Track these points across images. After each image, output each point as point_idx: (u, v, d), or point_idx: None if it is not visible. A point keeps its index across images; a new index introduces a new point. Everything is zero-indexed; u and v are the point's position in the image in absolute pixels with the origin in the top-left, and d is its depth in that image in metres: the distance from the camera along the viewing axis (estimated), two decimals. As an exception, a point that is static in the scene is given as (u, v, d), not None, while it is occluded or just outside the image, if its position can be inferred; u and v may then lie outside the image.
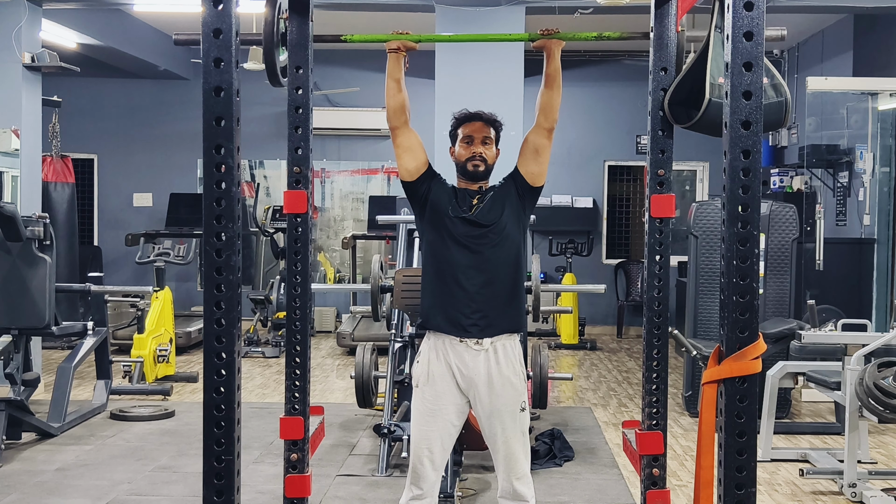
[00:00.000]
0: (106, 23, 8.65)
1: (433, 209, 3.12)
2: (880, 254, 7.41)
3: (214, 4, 2.00)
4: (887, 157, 7.48)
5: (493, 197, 3.12)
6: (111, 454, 5.12)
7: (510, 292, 3.10)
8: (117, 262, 10.50)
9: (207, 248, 2.04)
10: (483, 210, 3.09)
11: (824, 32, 9.15)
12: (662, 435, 2.98)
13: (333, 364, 8.24)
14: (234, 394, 2.06)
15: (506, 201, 3.12)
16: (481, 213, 3.09)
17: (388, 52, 3.10)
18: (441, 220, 3.10)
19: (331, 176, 10.84)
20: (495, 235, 3.08)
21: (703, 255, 6.20)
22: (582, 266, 10.03)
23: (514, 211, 3.13)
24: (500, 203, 3.11)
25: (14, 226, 5.28)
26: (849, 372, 4.44)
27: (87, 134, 10.49)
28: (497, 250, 3.08)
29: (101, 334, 6.09)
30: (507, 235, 3.10)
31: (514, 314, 3.11)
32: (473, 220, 3.08)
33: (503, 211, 3.10)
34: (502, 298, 3.07)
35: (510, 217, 3.11)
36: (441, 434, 3.08)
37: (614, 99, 10.54)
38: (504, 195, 3.13)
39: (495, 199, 3.12)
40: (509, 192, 3.14)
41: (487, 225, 3.08)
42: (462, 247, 3.07)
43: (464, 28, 7.15)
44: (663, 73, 2.95)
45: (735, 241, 1.99)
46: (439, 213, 3.10)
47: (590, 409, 6.39)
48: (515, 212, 3.13)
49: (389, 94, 3.11)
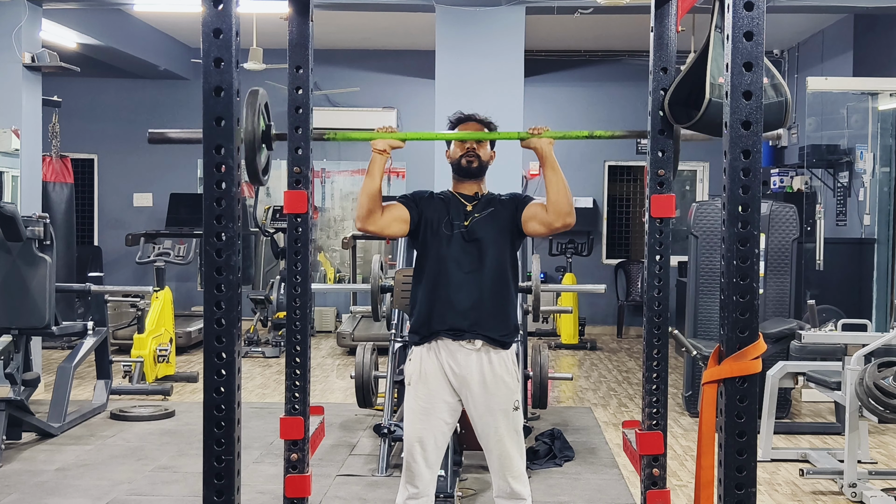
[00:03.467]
0: (106, 23, 8.65)
1: (426, 228, 3.12)
2: (880, 254, 7.40)
3: (214, 4, 2.00)
4: (887, 157, 7.48)
5: (493, 212, 3.11)
6: (111, 454, 5.11)
7: (503, 302, 3.10)
8: (117, 262, 10.50)
9: (207, 248, 2.04)
10: (478, 223, 3.09)
11: (824, 32, 9.15)
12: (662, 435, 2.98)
13: (333, 364, 8.24)
14: (234, 394, 2.06)
15: (501, 220, 3.11)
16: (475, 226, 3.08)
17: (373, 152, 3.01)
18: (434, 237, 3.10)
19: (331, 176, 10.84)
20: (487, 251, 3.07)
21: (703, 255, 6.20)
22: (582, 266, 10.04)
23: (508, 231, 3.13)
24: (496, 220, 3.11)
25: (14, 226, 5.27)
26: (849, 372, 4.44)
27: (87, 134, 10.49)
28: (489, 266, 3.08)
29: (101, 334, 6.09)
30: (499, 251, 3.10)
31: (507, 322, 3.11)
32: (466, 236, 3.07)
33: (497, 228, 3.10)
34: (494, 308, 3.08)
35: (503, 234, 3.11)
36: (434, 432, 3.08)
37: (614, 99, 10.54)
38: (500, 214, 3.12)
39: (492, 215, 3.11)
40: (505, 215, 3.12)
41: (480, 239, 3.08)
42: (454, 263, 3.07)
43: (464, 28, 7.15)
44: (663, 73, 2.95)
45: (735, 241, 1.99)
46: (432, 230, 3.11)
47: (590, 409, 6.39)
48: (509, 231, 3.13)
49: (368, 198, 3.00)
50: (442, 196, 3.17)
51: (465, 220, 3.10)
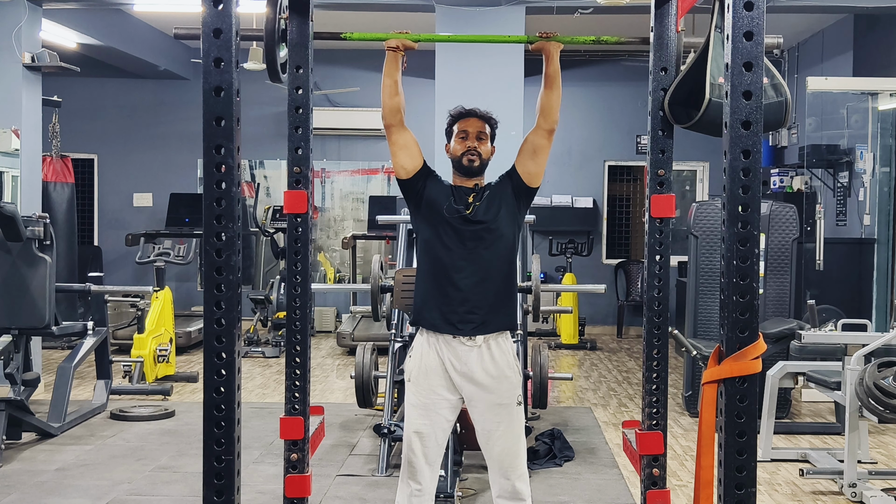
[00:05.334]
0: (106, 23, 8.65)
1: (428, 207, 3.12)
2: (880, 254, 7.40)
3: (214, 4, 2.00)
4: (887, 157, 7.48)
5: (490, 195, 3.12)
6: (111, 454, 5.11)
7: (504, 291, 3.10)
8: (117, 262, 10.50)
9: (207, 248, 2.04)
10: (479, 209, 3.09)
11: (824, 32, 9.15)
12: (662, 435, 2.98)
13: (333, 364, 8.24)
14: (234, 394, 2.06)
15: (502, 200, 3.12)
16: (477, 211, 3.09)
17: (386, 49, 3.10)
18: (436, 218, 3.10)
19: (331, 176, 10.84)
20: (490, 234, 3.08)
21: (703, 255, 6.20)
22: (582, 266, 10.03)
23: (510, 210, 3.13)
24: (497, 201, 3.11)
25: (14, 226, 5.27)
26: (849, 372, 4.44)
27: (87, 134, 10.48)
28: (492, 249, 3.08)
29: (101, 334, 6.09)
30: (501, 234, 3.10)
31: (508, 313, 3.11)
32: (469, 219, 3.08)
33: (499, 210, 3.10)
34: (496, 297, 3.08)
35: (505, 216, 3.12)
36: (434, 428, 3.08)
37: (614, 99, 10.54)
38: (500, 193, 3.14)
39: (492, 197, 3.12)
40: (505, 191, 3.14)
41: (483, 223, 3.08)
42: (457, 245, 3.07)
43: (464, 28, 7.15)
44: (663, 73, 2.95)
45: (735, 241, 1.99)
46: (435, 211, 3.11)
47: (590, 409, 6.39)
48: (511, 211, 3.13)
49: (386, 92, 3.13)
50: (446, 182, 3.20)
51: (466, 207, 3.10)
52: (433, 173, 3.19)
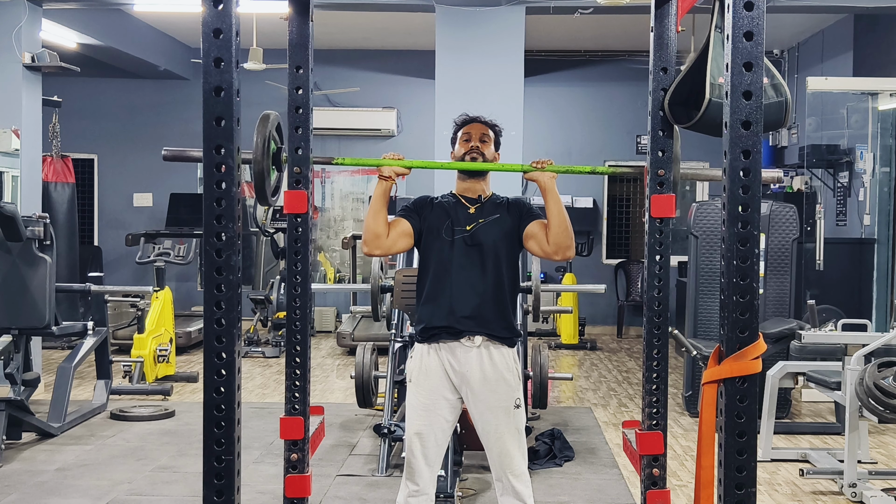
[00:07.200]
0: (106, 23, 8.65)
1: (428, 233, 3.14)
2: (880, 254, 7.40)
3: (214, 4, 1.99)
4: (887, 157, 7.48)
5: (495, 220, 3.13)
6: (111, 454, 5.11)
7: (502, 312, 3.11)
8: (117, 262, 10.50)
9: (207, 248, 2.03)
10: (481, 229, 3.11)
11: (824, 32, 9.15)
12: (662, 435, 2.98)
13: (333, 364, 8.24)
14: (234, 394, 2.06)
15: (504, 227, 3.13)
16: (478, 231, 3.10)
17: (378, 178, 3.06)
18: (436, 242, 3.12)
19: (331, 176, 10.84)
20: (488, 256, 3.09)
21: (703, 255, 6.20)
22: (582, 266, 10.04)
23: (510, 238, 3.14)
24: (499, 227, 3.13)
25: (14, 226, 5.27)
26: (849, 372, 4.44)
27: (87, 134, 10.49)
28: (490, 271, 3.09)
29: (101, 334, 6.09)
30: (500, 256, 3.11)
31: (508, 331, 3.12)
32: (468, 241, 3.09)
33: (499, 234, 3.12)
34: (494, 317, 3.09)
35: (504, 241, 3.13)
36: (434, 429, 3.09)
37: (614, 99, 10.53)
38: (504, 222, 3.14)
39: (496, 222, 3.13)
40: (509, 224, 3.14)
41: (481, 245, 3.09)
42: (455, 268, 3.09)
43: (464, 28, 7.15)
44: (663, 73, 2.94)
45: (735, 241, 1.98)
46: (434, 235, 3.13)
47: (590, 409, 6.39)
48: (511, 239, 3.15)
49: (371, 228, 3.06)
50: (444, 201, 3.19)
51: (467, 224, 3.11)
52: (425, 207, 3.18)
